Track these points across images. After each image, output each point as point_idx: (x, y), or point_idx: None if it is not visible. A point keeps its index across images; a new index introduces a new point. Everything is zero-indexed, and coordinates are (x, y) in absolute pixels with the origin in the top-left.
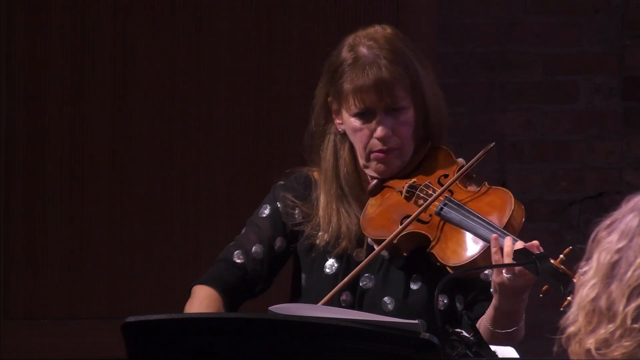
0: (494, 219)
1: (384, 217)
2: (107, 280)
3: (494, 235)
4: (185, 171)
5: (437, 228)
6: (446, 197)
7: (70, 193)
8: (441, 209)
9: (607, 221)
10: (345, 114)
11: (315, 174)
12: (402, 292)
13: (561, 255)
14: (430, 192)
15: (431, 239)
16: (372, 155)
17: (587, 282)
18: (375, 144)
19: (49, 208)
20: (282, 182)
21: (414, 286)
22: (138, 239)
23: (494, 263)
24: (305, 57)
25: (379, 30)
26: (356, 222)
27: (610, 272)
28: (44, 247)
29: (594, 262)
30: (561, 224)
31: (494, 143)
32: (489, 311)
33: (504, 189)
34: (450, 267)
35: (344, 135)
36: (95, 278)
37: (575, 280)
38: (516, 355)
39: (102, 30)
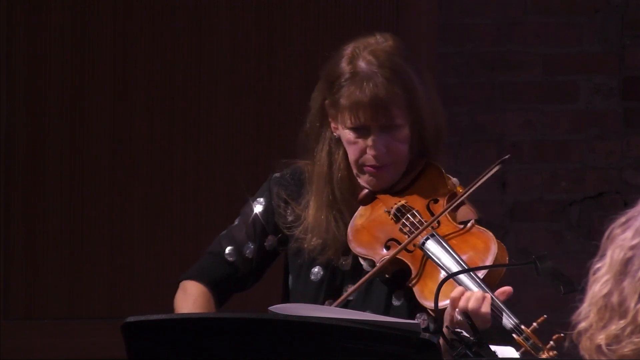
0: (476, 264)
1: (370, 234)
2: (107, 280)
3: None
4: (185, 171)
5: (420, 262)
6: (432, 229)
7: (70, 193)
8: (423, 244)
9: (622, 218)
10: (340, 125)
11: (310, 168)
12: (383, 307)
13: (535, 324)
14: (417, 221)
15: (412, 272)
16: (365, 169)
17: (600, 278)
18: (369, 159)
19: (49, 208)
20: (277, 175)
21: (395, 302)
22: (138, 239)
23: (448, 316)
24: (305, 57)
25: (381, 42)
26: (344, 231)
27: (624, 269)
28: (44, 247)
29: (607, 259)
30: (561, 224)
31: (497, 167)
32: None
33: (488, 232)
34: (426, 307)
35: (338, 140)
36: (95, 278)
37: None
38: (516, 355)
39: (102, 30)
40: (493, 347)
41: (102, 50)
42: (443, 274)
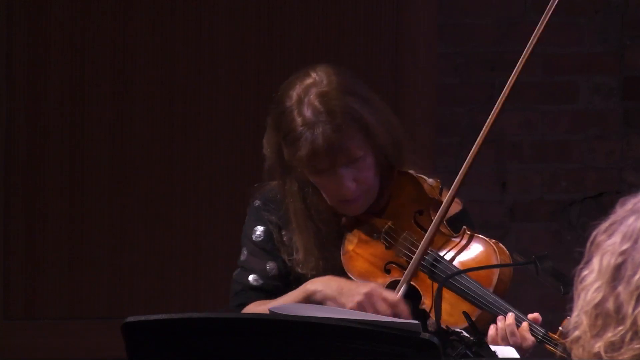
0: (483, 280)
1: (365, 261)
2: (107, 280)
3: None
4: (185, 171)
5: (425, 283)
6: (430, 251)
7: (71, 193)
8: (430, 271)
9: (605, 224)
10: (304, 171)
11: (282, 190)
12: None
13: (560, 328)
14: (409, 243)
15: (422, 295)
16: (340, 204)
17: (590, 285)
18: (341, 196)
19: (49, 208)
20: (259, 203)
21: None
22: (138, 239)
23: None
24: (305, 57)
25: (319, 82)
26: (338, 258)
27: (616, 275)
28: (44, 247)
29: (595, 265)
30: (561, 224)
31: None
32: None
33: (483, 238)
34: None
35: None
36: (95, 278)
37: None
38: (516, 355)
39: (102, 30)
40: (493, 347)
41: (102, 50)
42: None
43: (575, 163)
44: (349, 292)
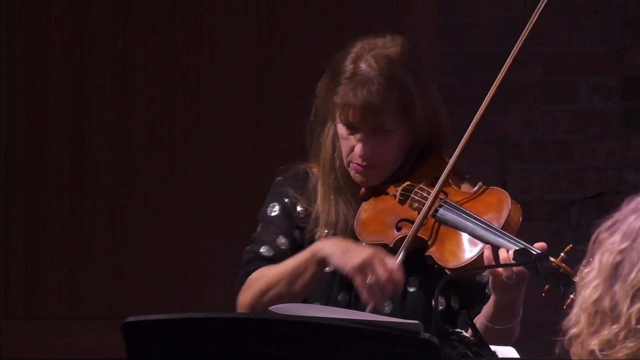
0: (491, 219)
1: (378, 221)
2: (107, 280)
3: (487, 245)
4: (185, 171)
5: (433, 230)
6: (441, 199)
7: (71, 193)
8: (437, 211)
9: (608, 222)
10: (336, 118)
11: (314, 170)
12: (400, 295)
13: (562, 254)
14: (425, 194)
15: (428, 242)
16: (351, 165)
17: (589, 283)
18: (355, 157)
19: (49, 208)
20: (280, 179)
21: (410, 289)
22: (138, 239)
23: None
24: (305, 57)
25: (387, 46)
26: (354, 214)
27: (614, 273)
28: (44, 247)
29: (595, 263)
30: (561, 224)
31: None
32: (487, 307)
33: (499, 188)
34: (448, 269)
35: None
36: (95, 278)
37: (576, 280)
38: (516, 355)
39: (102, 30)
40: (493, 347)
41: (102, 50)
42: (463, 235)
43: (575, 163)
44: (353, 253)
